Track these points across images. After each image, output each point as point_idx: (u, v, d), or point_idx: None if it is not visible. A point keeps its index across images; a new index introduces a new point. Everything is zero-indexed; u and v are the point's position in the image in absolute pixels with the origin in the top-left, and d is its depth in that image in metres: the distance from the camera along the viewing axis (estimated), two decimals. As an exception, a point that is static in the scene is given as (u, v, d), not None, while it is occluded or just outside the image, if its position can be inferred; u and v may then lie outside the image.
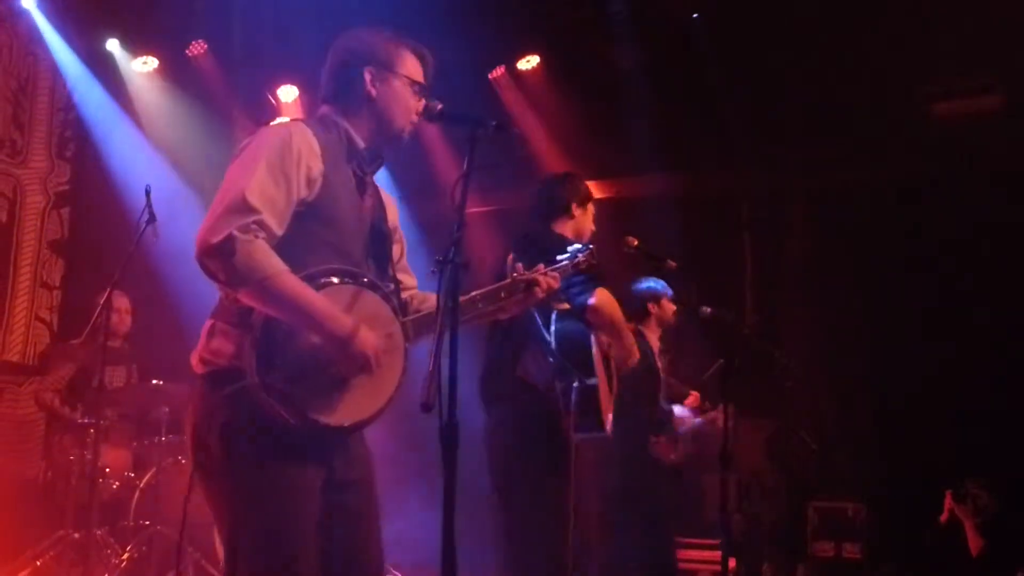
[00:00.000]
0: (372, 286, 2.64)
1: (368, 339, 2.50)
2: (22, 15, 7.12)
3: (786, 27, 7.06)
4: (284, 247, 2.48)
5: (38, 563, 5.81)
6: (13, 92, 7.28)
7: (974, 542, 6.22)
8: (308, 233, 2.55)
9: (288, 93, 8.34)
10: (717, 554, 6.84)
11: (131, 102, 7.72)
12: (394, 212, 2.97)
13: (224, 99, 7.99)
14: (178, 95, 7.84)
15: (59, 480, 6.26)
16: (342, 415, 2.52)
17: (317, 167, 2.58)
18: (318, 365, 2.47)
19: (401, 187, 8.86)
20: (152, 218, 5.41)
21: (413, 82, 2.83)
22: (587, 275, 3.50)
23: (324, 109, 2.81)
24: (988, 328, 7.09)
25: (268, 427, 2.45)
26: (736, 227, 8.30)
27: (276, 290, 2.41)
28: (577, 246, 3.31)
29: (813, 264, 7.92)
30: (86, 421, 6.07)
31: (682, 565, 7.48)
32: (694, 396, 6.80)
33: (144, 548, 5.93)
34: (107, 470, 6.18)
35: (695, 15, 7.35)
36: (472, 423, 3.72)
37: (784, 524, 7.56)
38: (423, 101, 2.82)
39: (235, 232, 2.38)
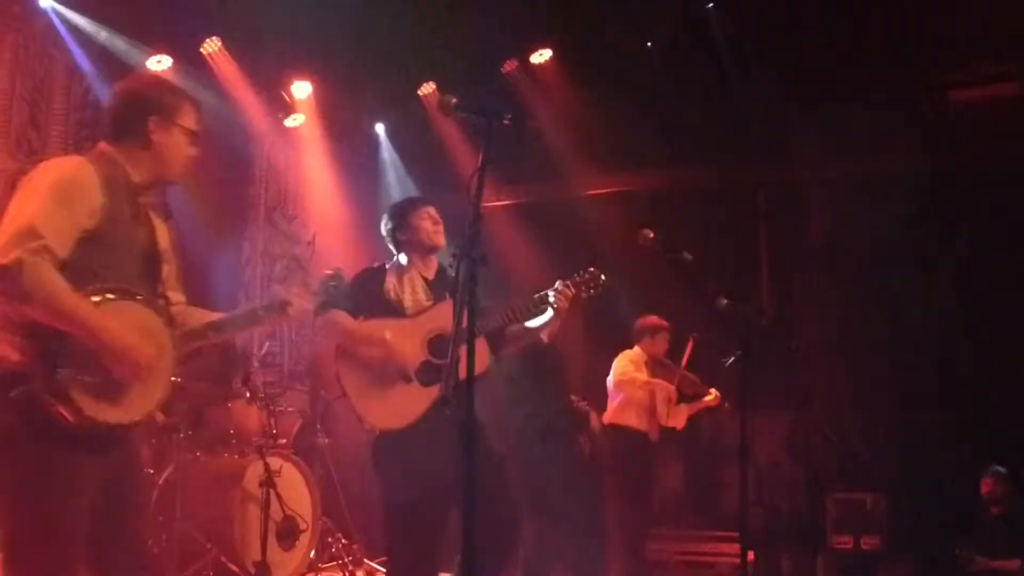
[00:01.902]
0: (145, 302, 3.00)
1: (140, 348, 2.87)
2: (39, 14, 7.14)
3: (802, 16, 7.01)
4: (68, 269, 2.81)
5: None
6: (29, 92, 7.30)
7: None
8: (89, 257, 2.88)
9: (301, 89, 8.36)
10: (736, 547, 6.83)
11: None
12: (164, 237, 3.25)
13: (240, 95, 8.01)
14: (193, 92, 7.83)
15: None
16: (117, 414, 2.88)
17: (98, 200, 2.92)
18: (95, 371, 2.81)
19: (418, 180, 8.91)
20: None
21: (190, 131, 3.17)
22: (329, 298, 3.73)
23: (103, 147, 3.10)
24: (1008, 318, 7.05)
25: (49, 425, 2.77)
26: (753, 217, 8.27)
27: (59, 306, 2.75)
28: (329, 272, 3.53)
29: (830, 254, 7.89)
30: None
31: (701, 558, 7.48)
32: (715, 395, 6.78)
33: (164, 544, 5.96)
34: (126, 467, 6.20)
35: (709, 4, 7.31)
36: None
37: (802, 516, 7.55)
38: (195, 147, 3.20)
39: (23, 254, 2.71)
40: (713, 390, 6.76)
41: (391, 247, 4.54)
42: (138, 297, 2.97)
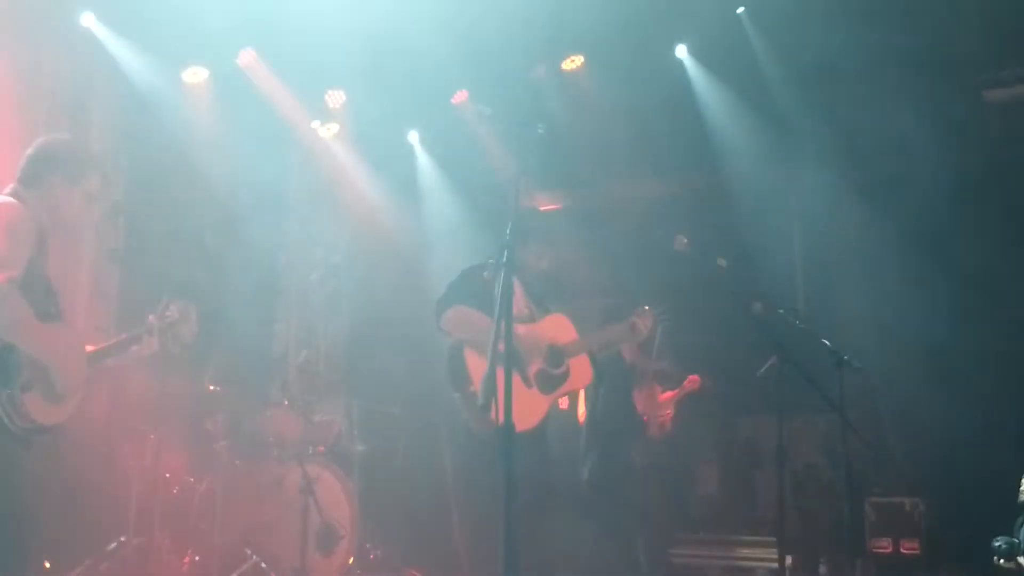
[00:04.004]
0: None
1: None
2: (80, 32, 7.25)
3: (836, 16, 6.96)
4: None
5: (101, 568, 5.92)
6: (68, 107, 7.40)
7: None
8: None
9: (335, 98, 8.44)
10: (773, 552, 6.80)
11: (186, 111, 7.84)
12: None
13: (277, 105, 8.11)
14: (230, 103, 7.93)
15: (120, 485, 6.38)
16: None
17: None
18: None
19: (459, 185, 8.94)
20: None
21: (90, 196, 3.74)
22: None
23: (16, 187, 3.58)
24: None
25: None
26: (787, 220, 8.22)
27: None
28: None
29: (866, 256, 7.82)
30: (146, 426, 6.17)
31: (738, 562, 7.46)
32: (692, 379, 6.96)
33: (205, 552, 6.03)
34: (167, 475, 6.29)
35: (740, 9, 7.30)
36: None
37: (841, 520, 7.49)
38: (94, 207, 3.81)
39: None
40: (692, 376, 6.97)
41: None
42: None
